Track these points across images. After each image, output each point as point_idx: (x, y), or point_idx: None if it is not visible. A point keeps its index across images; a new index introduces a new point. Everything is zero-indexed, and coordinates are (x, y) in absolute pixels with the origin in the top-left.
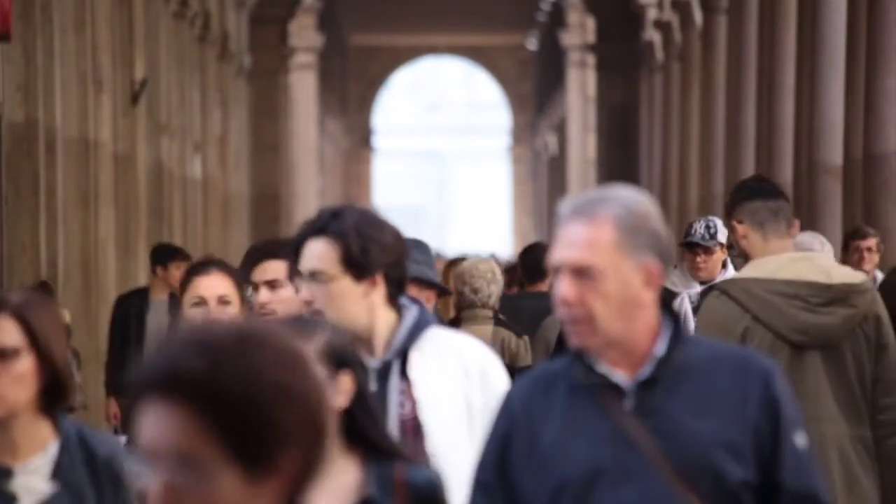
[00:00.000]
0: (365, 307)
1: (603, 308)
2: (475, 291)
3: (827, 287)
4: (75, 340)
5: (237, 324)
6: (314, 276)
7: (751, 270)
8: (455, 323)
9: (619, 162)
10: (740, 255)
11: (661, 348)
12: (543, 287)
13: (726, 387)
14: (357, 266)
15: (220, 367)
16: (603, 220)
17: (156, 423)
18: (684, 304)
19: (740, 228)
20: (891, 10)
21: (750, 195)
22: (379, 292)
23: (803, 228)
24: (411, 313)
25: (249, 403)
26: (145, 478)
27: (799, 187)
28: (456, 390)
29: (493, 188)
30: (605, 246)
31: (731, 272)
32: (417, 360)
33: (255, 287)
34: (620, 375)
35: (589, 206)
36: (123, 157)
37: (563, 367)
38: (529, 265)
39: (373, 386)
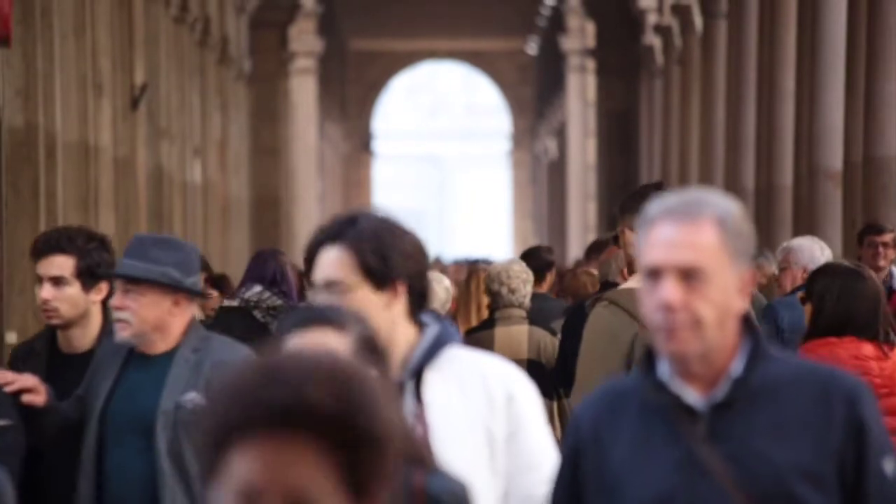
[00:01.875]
0: (386, 320)
1: (710, 313)
2: (513, 292)
3: None
4: None
5: (334, 355)
6: (330, 285)
7: (636, 281)
8: (487, 324)
9: (618, 166)
10: (626, 262)
11: (738, 367)
12: (543, 289)
13: (807, 409)
14: (376, 274)
15: (354, 404)
16: (706, 222)
17: (269, 458)
18: None
19: (630, 236)
20: (890, 14)
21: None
22: (400, 304)
23: (803, 232)
24: (432, 330)
25: (379, 445)
26: None
27: (799, 191)
28: (475, 418)
29: (493, 192)
30: (711, 248)
31: None
32: (434, 382)
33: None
34: (693, 395)
35: (687, 207)
36: (123, 162)
37: (634, 385)
38: (532, 266)
39: None
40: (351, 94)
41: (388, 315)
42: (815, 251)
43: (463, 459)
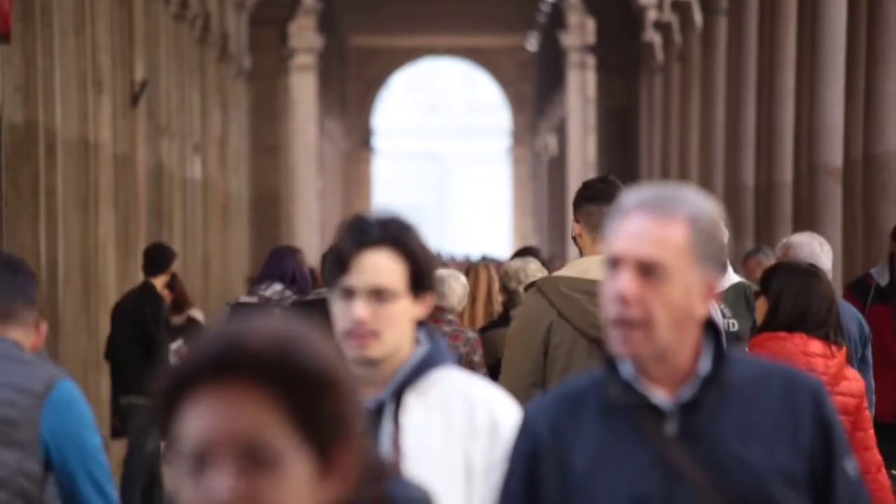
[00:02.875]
0: (411, 334)
1: (663, 314)
2: None
3: None
4: (74, 343)
5: (283, 319)
6: (378, 293)
7: (566, 270)
8: (503, 322)
9: (619, 163)
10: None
11: (704, 366)
12: None
13: (776, 409)
14: (421, 285)
15: (292, 346)
16: (678, 219)
17: (220, 407)
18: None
19: (576, 227)
20: (891, 12)
21: (589, 197)
22: (420, 318)
23: (803, 229)
24: (421, 350)
25: (323, 382)
26: (204, 480)
27: (799, 188)
28: (455, 445)
29: (493, 189)
30: (677, 246)
31: (729, 274)
32: (414, 405)
33: None
34: (660, 395)
35: (661, 201)
36: (123, 159)
37: (590, 385)
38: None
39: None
40: (351, 90)
41: (412, 329)
42: (815, 247)
43: (436, 487)
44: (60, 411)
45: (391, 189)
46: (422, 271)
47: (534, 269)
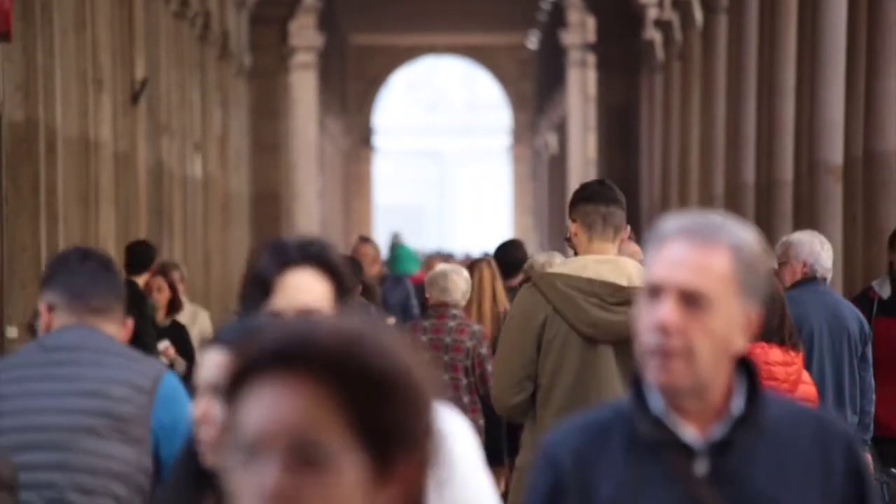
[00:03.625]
0: None
1: (706, 345)
2: None
3: (621, 288)
4: None
5: (374, 317)
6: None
7: (562, 267)
8: None
9: (619, 161)
10: (572, 250)
11: (737, 405)
12: (514, 283)
13: (808, 454)
14: (343, 303)
15: (358, 343)
16: (721, 247)
17: (276, 400)
18: None
19: (573, 227)
20: (891, 10)
21: (586, 198)
22: None
23: (803, 228)
24: None
25: (388, 385)
26: (253, 471)
27: (799, 187)
28: None
29: (494, 188)
30: (721, 276)
31: None
32: None
33: None
34: (691, 433)
35: (703, 228)
36: (124, 157)
37: (615, 416)
38: (504, 261)
39: None
40: (351, 89)
41: None
42: (815, 245)
43: None
44: (168, 406)
45: (391, 187)
46: (345, 289)
47: (559, 263)
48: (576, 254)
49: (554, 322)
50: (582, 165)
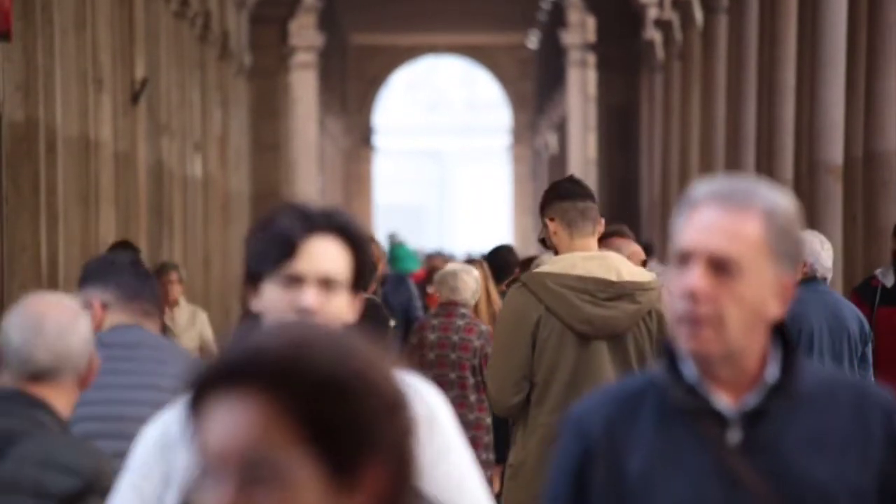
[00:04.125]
0: None
1: (736, 313)
2: None
3: (612, 284)
4: None
5: (322, 324)
6: (327, 282)
7: (550, 266)
8: None
9: (619, 161)
10: (551, 250)
11: (772, 373)
12: (502, 288)
13: (845, 422)
14: (359, 283)
15: (306, 350)
16: (753, 212)
17: (226, 419)
18: None
19: (552, 226)
20: (891, 9)
21: (562, 196)
22: None
23: (804, 227)
24: None
25: (339, 390)
26: (210, 492)
27: (799, 186)
28: None
29: (494, 187)
30: (753, 241)
31: None
32: None
33: None
34: (724, 401)
35: (735, 193)
36: (124, 157)
37: (647, 385)
38: (495, 265)
39: None
40: (351, 89)
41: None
42: (815, 245)
43: None
44: None
45: (391, 187)
46: (364, 268)
47: (547, 262)
48: (556, 253)
49: (548, 321)
50: (582, 165)
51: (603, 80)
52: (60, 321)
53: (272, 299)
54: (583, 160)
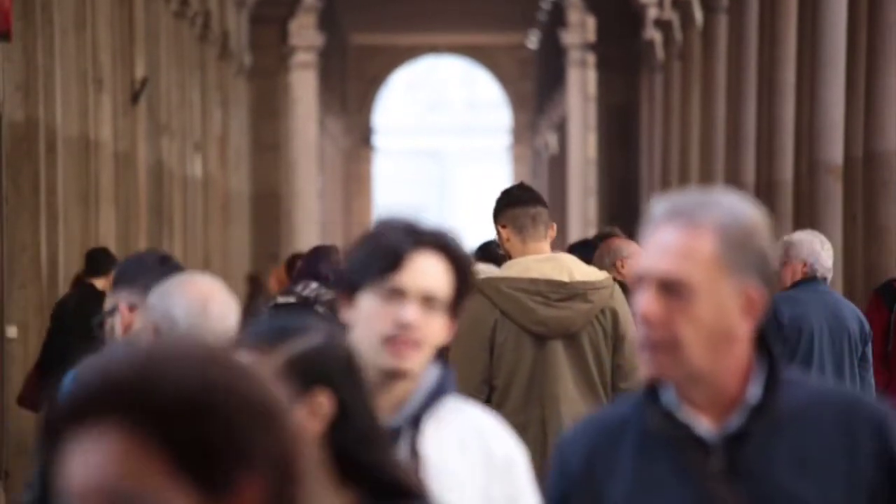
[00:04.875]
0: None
1: (691, 335)
2: None
3: (564, 284)
4: None
5: (174, 338)
6: (429, 300)
7: (503, 270)
8: None
9: (619, 161)
10: (505, 255)
11: (754, 393)
12: None
13: (833, 440)
14: (457, 305)
15: (157, 371)
16: (705, 228)
17: (85, 456)
18: None
19: (504, 232)
20: (891, 10)
21: (512, 202)
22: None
23: (804, 227)
24: (432, 373)
25: (201, 408)
26: None
27: (799, 186)
28: (474, 479)
29: (494, 187)
30: (704, 259)
31: None
32: (433, 434)
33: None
34: (705, 425)
35: (689, 208)
36: (124, 157)
37: (631, 411)
38: (485, 260)
39: None
40: (351, 88)
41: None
42: (815, 245)
43: None
44: None
45: (391, 187)
46: (465, 292)
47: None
48: (509, 258)
49: (504, 325)
50: (582, 165)
51: (603, 80)
52: (223, 305)
53: (369, 311)
54: (583, 160)
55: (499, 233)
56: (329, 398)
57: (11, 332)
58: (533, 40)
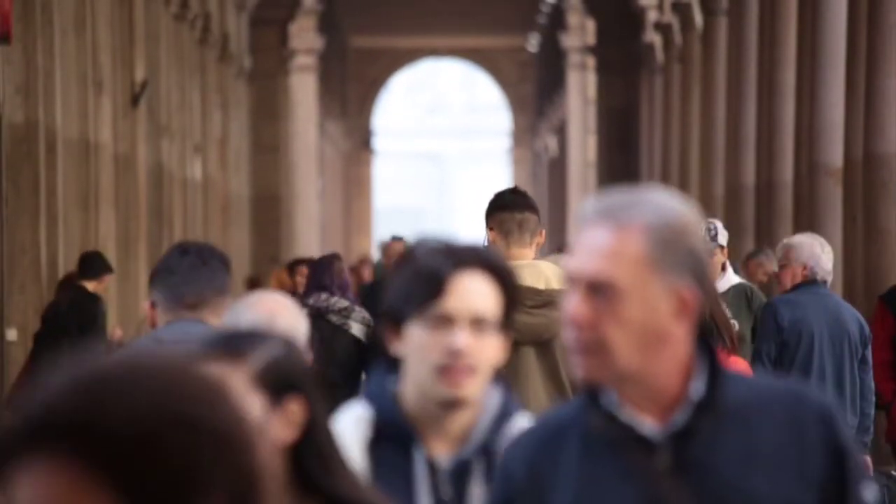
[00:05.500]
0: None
1: (620, 336)
2: None
3: (539, 292)
4: None
5: (129, 354)
6: (479, 322)
7: None
8: None
9: (619, 164)
10: None
11: (697, 390)
12: None
13: (780, 433)
14: (508, 319)
15: (104, 395)
16: (632, 228)
17: (29, 488)
18: None
19: (490, 235)
20: (891, 10)
21: (501, 206)
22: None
23: (803, 229)
24: (496, 394)
25: (144, 436)
26: None
27: (799, 188)
28: None
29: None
30: (632, 259)
31: (729, 275)
32: None
33: None
34: (649, 425)
35: (617, 209)
36: (124, 159)
37: (574, 414)
38: None
39: (445, 494)
40: (351, 91)
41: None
42: (816, 248)
43: None
44: None
45: (391, 190)
46: (514, 307)
47: None
48: None
49: None
50: (582, 168)
51: (603, 83)
52: (289, 322)
53: (419, 342)
54: (583, 163)
55: (486, 234)
56: (301, 405)
57: (11, 334)
58: (533, 43)
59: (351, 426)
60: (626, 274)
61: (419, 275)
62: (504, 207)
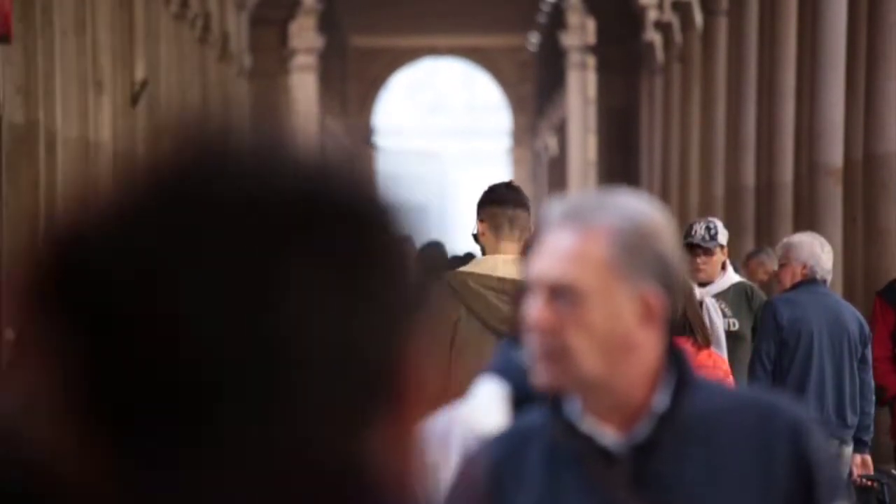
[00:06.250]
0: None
1: (583, 342)
2: None
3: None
4: None
5: None
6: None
7: (472, 266)
8: None
9: (619, 163)
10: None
11: (661, 401)
12: None
13: (747, 449)
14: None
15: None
16: (598, 232)
17: None
18: (710, 312)
19: (480, 227)
20: (891, 11)
21: (493, 201)
22: None
23: (803, 229)
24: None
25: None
26: None
27: (799, 188)
28: None
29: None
30: (596, 264)
31: (730, 273)
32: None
33: None
34: (610, 436)
35: (582, 211)
36: (123, 158)
37: (540, 422)
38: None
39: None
40: (351, 90)
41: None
42: (815, 247)
43: None
44: None
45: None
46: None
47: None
48: (483, 252)
49: (468, 322)
50: (582, 167)
51: (603, 83)
52: None
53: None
54: (583, 162)
55: (477, 225)
56: None
57: (10, 335)
58: (533, 42)
59: (494, 404)
60: (590, 278)
61: None
62: (497, 202)
